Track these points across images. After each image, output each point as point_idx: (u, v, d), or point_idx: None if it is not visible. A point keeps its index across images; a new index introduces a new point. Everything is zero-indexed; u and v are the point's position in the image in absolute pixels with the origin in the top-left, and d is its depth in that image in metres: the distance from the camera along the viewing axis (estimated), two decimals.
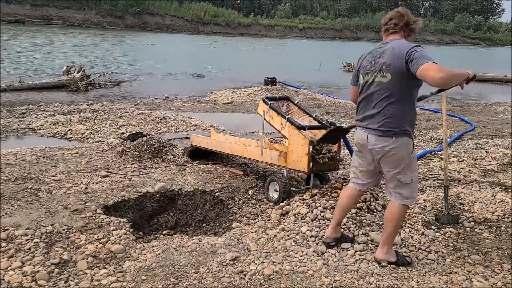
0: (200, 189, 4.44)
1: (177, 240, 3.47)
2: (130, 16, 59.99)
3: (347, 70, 22.75)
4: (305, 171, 4.07)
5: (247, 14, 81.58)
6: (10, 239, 3.21)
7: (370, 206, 3.79)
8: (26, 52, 21.30)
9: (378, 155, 3.01)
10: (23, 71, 14.80)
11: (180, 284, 2.82)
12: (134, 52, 27.64)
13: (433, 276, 3.03)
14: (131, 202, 4.15)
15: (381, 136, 2.96)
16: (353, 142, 3.28)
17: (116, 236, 3.40)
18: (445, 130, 4.26)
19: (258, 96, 11.63)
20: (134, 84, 14.34)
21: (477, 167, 5.60)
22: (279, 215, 3.83)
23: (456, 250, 3.45)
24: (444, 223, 3.89)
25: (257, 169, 5.16)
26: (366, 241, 3.43)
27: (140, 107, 9.73)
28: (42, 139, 6.88)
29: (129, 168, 5.03)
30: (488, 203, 4.36)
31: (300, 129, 4.10)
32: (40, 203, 3.90)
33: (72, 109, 9.06)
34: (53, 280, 2.81)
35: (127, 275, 2.90)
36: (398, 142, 2.93)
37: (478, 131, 8.50)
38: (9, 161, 5.04)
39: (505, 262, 3.25)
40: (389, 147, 2.94)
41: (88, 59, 19.87)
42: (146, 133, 6.81)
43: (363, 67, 3.09)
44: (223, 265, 3.04)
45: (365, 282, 2.92)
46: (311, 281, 2.90)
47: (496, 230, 3.81)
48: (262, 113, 4.56)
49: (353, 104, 3.40)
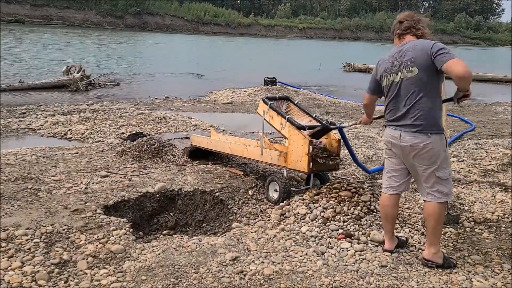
0: (200, 189, 4.45)
1: (177, 240, 3.48)
2: (130, 16, 59.99)
3: (347, 70, 22.78)
4: (305, 171, 4.07)
5: (247, 14, 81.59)
6: (10, 239, 3.21)
7: (370, 206, 3.79)
8: (26, 52, 21.30)
9: (412, 152, 2.99)
10: (23, 71, 14.80)
11: (180, 284, 2.82)
12: (134, 52, 27.65)
13: (433, 276, 3.03)
14: (131, 202, 4.15)
15: (416, 132, 2.96)
16: (382, 141, 3.29)
17: (116, 236, 3.40)
18: (445, 130, 4.26)
19: (258, 96, 11.63)
20: (134, 84, 14.34)
21: (477, 167, 5.61)
22: (279, 215, 3.83)
23: (456, 250, 3.45)
24: (444, 223, 3.89)
25: (257, 169, 5.16)
26: (366, 241, 3.44)
27: (140, 107, 9.73)
28: (42, 139, 6.88)
29: (129, 168, 5.03)
30: (488, 203, 4.36)
31: (300, 129, 4.10)
32: (40, 203, 3.90)
33: (72, 109, 9.06)
34: (53, 280, 2.81)
35: (127, 275, 2.90)
36: (432, 137, 2.95)
37: (478, 131, 8.50)
38: (9, 161, 5.04)
39: (505, 262, 3.25)
40: (424, 143, 2.94)
41: (88, 59, 19.87)
42: (146, 133, 6.81)
43: (385, 70, 3.11)
44: (223, 265, 3.04)
45: (365, 282, 2.92)
46: (311, 281, 2.90)
47: (496, 230, 3.81)
48: (262, 113, 4.56)
49: (354, 104, 3.42)
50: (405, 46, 3.03)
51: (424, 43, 2.92)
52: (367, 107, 3.59)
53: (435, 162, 2.98)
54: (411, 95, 2.97)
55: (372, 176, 5.18)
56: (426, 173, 3.02)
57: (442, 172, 3.01)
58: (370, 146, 6.82)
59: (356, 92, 15.19)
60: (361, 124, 4.00)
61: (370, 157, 6.10)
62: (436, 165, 2.98)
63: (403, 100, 3.01)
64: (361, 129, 8.22)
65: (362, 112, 4.10)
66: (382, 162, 5.88)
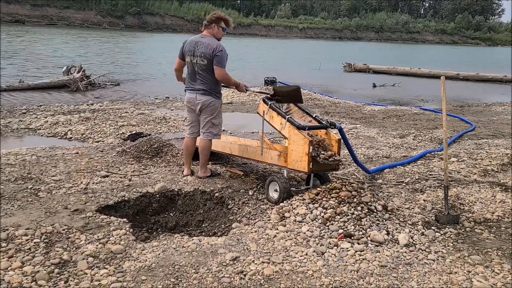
0: (200, 189, 4.45)
1: (177, 240, 3.48)
2: (130, 16, 59.95)
3: (347, 70, 22.76)
4: (305, 171, 4.07)
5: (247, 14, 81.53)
6: (10, 239, 3.22)
7: (370, 207, 3.79)
8: (26, 52, 21.29)
9: None
10: (23, 71, 14.80)
11: (180, 284, 2.82)
12: (134, 52, 27.64)
13: (433, 276, 3.03)
14: (131, 202, 4.15)
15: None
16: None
17: (116, 236, 3.40)
18: (445, 130, 4.26)
19: (258, 96, 11.62)
20: (134, 84, 14.33)
21: (477, 167, 5.61)
22: (279, 215, 3.83)
23: (456, 250, 3.45)
24: (444, 223, 3.89)
25: (257, 169, 5.16)
26: (366, 241, 3.44)
27: (140, 107, 9.73)
28: (42, 139, 6.87)
29: (129, 168, 5.03)
30: (488, 203, 4.36)
31: (300, 129, 4.10)
32: (40, 203, 3.90)
33: (72, 109, 9.06)
34: (53, 280, 2.81)
35: (127, 275, 2.90)
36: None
37: (478, 131, 8.50)
38: (9, 161, 5.04)
39: (505, 262, 3.25)
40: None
41: (88, 59, 19.87)
42: (146, 133, 6.81)
43: None
44: (223, 265, 3.04)
45: (365, 282, 2.92)
46: (311, 281, 2.90)
47: (496, 230, 3.81)
48: (262, 113, 4.56)
49: (353, 104, 3.42)
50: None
51: None
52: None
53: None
54: None
55: (372, 176, 5.18)
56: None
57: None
58: (370, 146, 6.82)
59: (356, 92, 15.20)
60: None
61: (370, 157, 6.11)
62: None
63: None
64: (361, 129, 8.22)
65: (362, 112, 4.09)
66: (382, 162, 5.88)
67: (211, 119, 4.68)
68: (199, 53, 4.54)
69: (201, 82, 4.61)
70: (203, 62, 4.54)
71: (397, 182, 5.00)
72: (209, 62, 4.51)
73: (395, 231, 3.61)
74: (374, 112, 10.15)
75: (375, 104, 11.57)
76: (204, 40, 4.58)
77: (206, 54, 4.50)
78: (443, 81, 4.32)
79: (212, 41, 4.57)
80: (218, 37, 4.67)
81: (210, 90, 4.62)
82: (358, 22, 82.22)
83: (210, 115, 4.67)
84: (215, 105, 4.67)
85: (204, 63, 4.54)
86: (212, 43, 4.54)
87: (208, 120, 4.69)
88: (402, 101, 13.24)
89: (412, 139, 7.55)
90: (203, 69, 4.57)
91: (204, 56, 4.51)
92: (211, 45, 4.51)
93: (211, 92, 4.63)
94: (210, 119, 4.68)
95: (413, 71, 21.79)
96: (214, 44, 4.52)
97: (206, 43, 4.54)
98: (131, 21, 59.74)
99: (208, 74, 4.57)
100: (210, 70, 4.54)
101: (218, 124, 4.78)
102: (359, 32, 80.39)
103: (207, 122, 4.69)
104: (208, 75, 4.58)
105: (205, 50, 4.51)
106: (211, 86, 4.61)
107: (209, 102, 4.63)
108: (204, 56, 4.52)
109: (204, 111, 4.66)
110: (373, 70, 22.21)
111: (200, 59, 4.54)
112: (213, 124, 4.70)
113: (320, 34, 75.92)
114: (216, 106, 4.69)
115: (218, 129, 4.79)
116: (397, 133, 7.98)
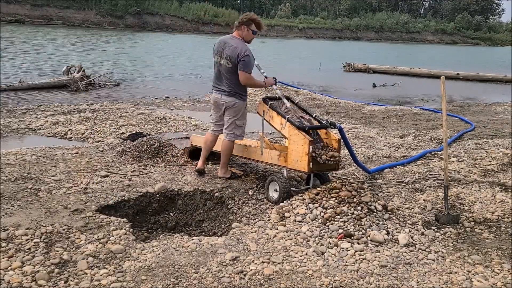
0: (200, 189, 4.45)
1: (177, 240, 3.48)
2: (130, 16, 59.93)
3: (347, 70, 22.75)
4: (305, 171, 4.07)
5: None
6: (10, 239, 3.22)
7: (370, 207, 3.79)
8: (26, 52, 21.29)
9: None
10: (23, 71, 14.80)
11: (180, 284, 2.83)
12: (134, 52, 27.64)
13: (433, 276, 3.03)
14: (131, 202, 4.15)
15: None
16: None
17: (116, 236, 3.40)
18: (445, 130, 4.26)
19: (258, 96, 11.62)
20: (134, 84, 14.32)
21: (477, 167, 5.61)
22: (279, 215, 3.83)
23: (456, 250, 3.45)
24: (444, 223, 3.89)
25: (257, 169, 5.16)
26: (366, 241, 3.44)
27: (140, 107, 9.72)
28: (42, 139, 6.87)
29: (129, 168, 5.03)
30: (488, 203, 4.36)
31: (300, 129, 4.10)
32: (40, 203, 3.90)
33: (72, 109, 9.05)
34: (53, 280, 2.81)
35: (127, 275, 2.90)
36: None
37: (478, 131, 8.50)
38: (9, 161, 5.04)
39: (505, 262, 3.25)
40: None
41: (88, 59, 19.86)
42: (146, 133, 6.81)
43: None
44: (223, 265, 3.04)
45: (365, 282, 2.92)
46: (311, 281, 2.90)
47: (496, 230, 3.82)
48: (262, 113, 4.56)
49: (354, 104, 3.42)
50: None
51: None
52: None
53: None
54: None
55: (372, 176, 5.18)
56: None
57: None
58: (370, 146, 6.82)
59: (356, 92, 15.19)
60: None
61: (370, 157, 6.11)
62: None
63: None
64: (361, 129, 8.22)
65: (363, 112, 4.09)
66: (382, 162, 5.88)
67: (235, 120, 4.63)
68: (225, 55, 4.48)
69: (226, 83, 4.55)
70: (228, 65, 4.47)
71: (397, 182, 5.00)
72: (234, 65, 4.44)
73: (395, 231, 3.61)
74: (374, 112, 10.15)
75: (375, 104, 11.57)
76: (232, 42, 4.51)
77: (232, 58, 4.43)
78: (443, 81, 4.32)
79: (239, 44, 4.48)
80: (247, 40, 4.59)
81: (235, 92, 4.55)
82: (358, 22, 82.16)
83: (234, 116, 4.62)
84: (239, 107, 4.61)
85: (229, 66, 4.48)
86: (239, 46, 4.45)
87: (232, 121, 4.63)
88: (402, 101, 13.25)
89: (412, 139, 7.55)
90: (228, 71, 4.50)
91: (230, 59, 4.45)
92: (238, 49, 4.42)
93: (236, 94, 4.56)
94: (234, 120, 4.63)
95: (413, 71, 21.79)
96: (240, 48, 4.42)
97: (234, 46, 4.46)
98: (131, 21, 59.72)
99: (233, 76, 4.50)
100: (235, 72, 4.46)
101: (242, 125, 4.71)
102: (359, 32, 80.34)
103: (231, 123, 4.64)
104: (233, 77, 4.50)
105: (231, 53, 4.44)
106: (236, 88, 4.54)
107: (233, 103, 4.57)
108: (230, 59, 4.45)
109: (228, 112, 4.62)
110: (373, 70, 22.21)
111: (226, 61, 4.48)
112: (236, 125, 4.65)
113: (320, 34, 75.88)
114: (240, 108, 4.63)
115: (242, 130, 4.73)
116: (397, 133, 7.99)
